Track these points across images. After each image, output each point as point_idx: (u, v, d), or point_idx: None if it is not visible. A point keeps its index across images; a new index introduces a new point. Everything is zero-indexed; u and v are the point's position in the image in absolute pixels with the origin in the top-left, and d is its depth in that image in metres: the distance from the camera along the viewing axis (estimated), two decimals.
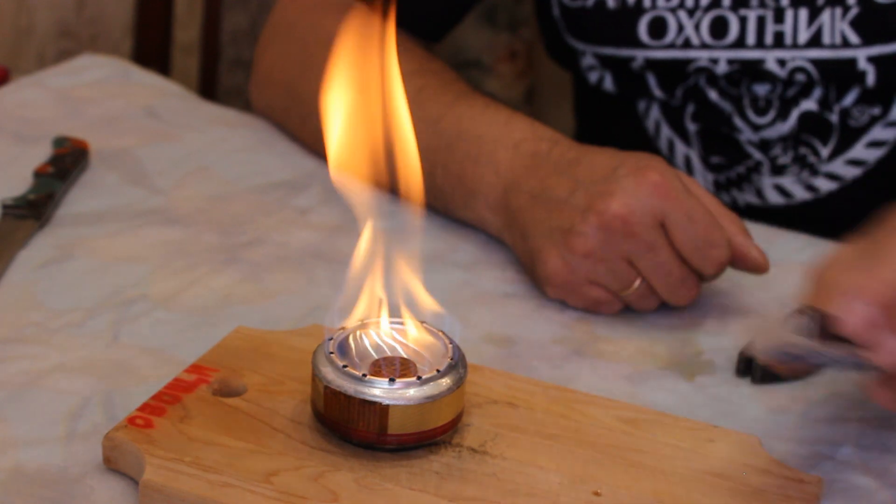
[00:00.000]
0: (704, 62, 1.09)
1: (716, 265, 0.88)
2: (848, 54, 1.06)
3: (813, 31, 1.06)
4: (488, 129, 0.95)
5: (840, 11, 1.05)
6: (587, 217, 0.87)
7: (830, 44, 1.06)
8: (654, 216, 0.86)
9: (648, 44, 1.10)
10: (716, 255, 0.87)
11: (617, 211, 0.86)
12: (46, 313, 0.85)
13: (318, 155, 1.09)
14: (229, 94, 1.67)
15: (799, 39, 1.07)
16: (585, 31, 1.13)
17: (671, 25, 1.09)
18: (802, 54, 1.07)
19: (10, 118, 1.11)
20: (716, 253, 0.87)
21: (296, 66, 1.10)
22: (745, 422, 0.80)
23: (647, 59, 1.11)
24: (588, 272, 0.88)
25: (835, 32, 1.05)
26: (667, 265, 0.87)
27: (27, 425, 0.74)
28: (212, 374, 0.75)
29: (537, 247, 0.90)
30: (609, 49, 1.12)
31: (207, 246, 0.95)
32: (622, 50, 1.11)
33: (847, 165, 1.11)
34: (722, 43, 1.08)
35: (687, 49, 1.09)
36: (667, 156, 1.17)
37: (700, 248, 0.87)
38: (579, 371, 0.84)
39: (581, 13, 1.12)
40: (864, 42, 1.05)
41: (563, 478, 0.70)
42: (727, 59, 1.09)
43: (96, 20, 1.77)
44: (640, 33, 1.10)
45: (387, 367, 0.71)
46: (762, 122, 1.11)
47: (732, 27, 1.08)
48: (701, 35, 1.08)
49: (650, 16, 1.09)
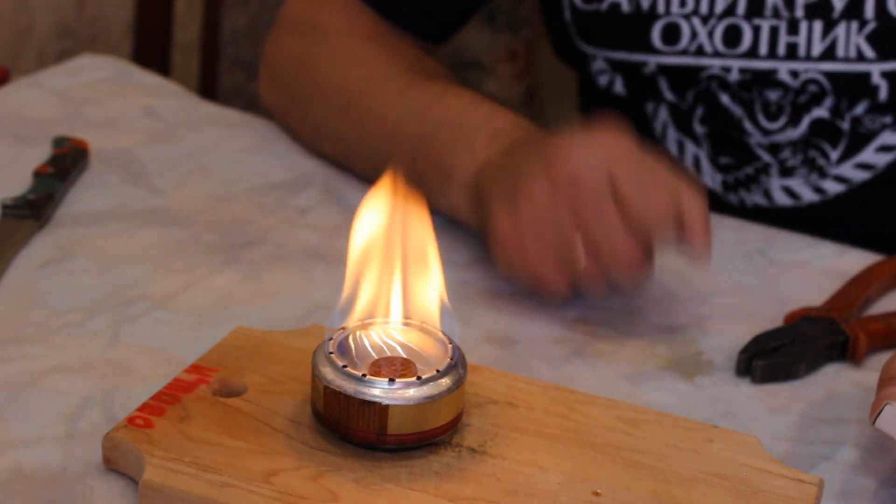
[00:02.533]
0: (716, 70, 1.09)
1: (661, 216, 0.83)
2: (862, 68, 1.05)
3: (827, 44, 1.05)
4: (471, 118, 0.95)
5: (857, 25, 1.05)
6: (537, 176, 0.85)
7: (844, 57, 1.05)
8: (603, 175, 0.84)
9: (661, 49, 1.10)
10: (661, 206, 0.83)
11: (566, 170, 0.84)
12: (46, 313, 0.85)
13: (318, 154, 1.09)
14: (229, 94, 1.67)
15: (813, 52, 1.06)
16: (597, 35, 1.13)
17: (685, 32, 1.09)
18: (816, 66, 1.06)
19: (10, 118, 1.11)
20: (662, 205, 0.84)
21: (296, 62, 1.10)
22: (745, 422, 0.80)
23: (658, 65, 1.10)
24: (534, 236, 0.85)
25: (849, 46, 1.05)
26: (614, 235, 0.84)
27: (27, 425, 0.74)
28: (212, 374, 0.75)
29: (490, 212, 0.88)
30: (621, 54, 1.12)
31: (207, 246, 0.95)
32: (634, 55, 1.11)
33: (856, 169, 1.11)
34: (735, 52, 1.08)
35: (700, 56, 1.09)
36: (675, 154, 1.17)
37: (646, 207, 0.83)
38: (579, 371, 0.84)
39: (594, 17, 1.12)
40: (879, 57, 1.05)
41: (562, 478, 0.70)
42: (739, 68, 1.08)
43: (96, 20, 1.77)
44: (653, 39, 1.09)
45: (386, 368, 0.71)
46: (773, 127, 1.11)
47: (745, 36, 1.07)
48: (714, 43, 1.08)
49: (664, 22, 1.09)
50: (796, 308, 0.91)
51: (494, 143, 0.93)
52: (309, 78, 1.08)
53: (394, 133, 0.99)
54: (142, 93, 1.19)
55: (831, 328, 0.87)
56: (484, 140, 0.93)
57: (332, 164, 1.07)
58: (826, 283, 0.96)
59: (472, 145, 0.93)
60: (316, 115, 1.08)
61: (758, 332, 0.87)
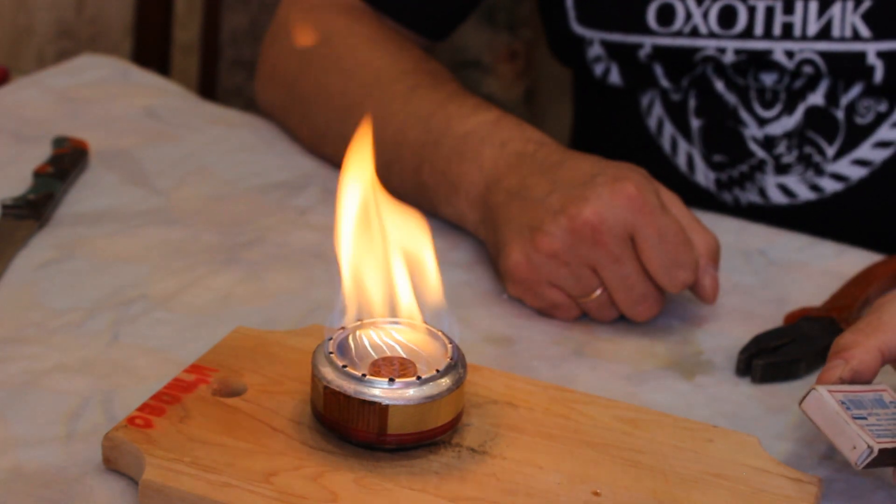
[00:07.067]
0: (712, 51, 1.09)
1: (680, 286, 0.87)
2: (858, 48, 1.05)
3: (822, 23, 1.05)
4: (476, 127, 0.95)
5: (852, 4, 1.05)
6: (557, 218, 0.86)
7: (840, 36, 1.05)
8: (624, 228, 0.86)
9: (656, 30, 1.10)
10: (681, 277, 0.87)
11: (587, 217, 0.85)
12: (46, 313, 0.85)
13: (317, 155, 1.09)
14: (229, 94, 1.67)
15: (808, 31, 1.06)
16: (595, 16, 1.13)
17: (679, 12, 1.09)
18: (811, 46, 1.06)
19: (9, 118, 1.11)
20: (682, 274, 0.87)
21: (297, 64, 1.10)
22: (745, 422, 0.80)
23: (654, 47, 1.10)
24: (549, 273, 0.87)
25: (845, 25, 1.05)
26: (630, 279, 0.86)
27: (27, 425, 0.74)
28: (211, 374, 0.75)
29: (504, 241, 0.89)
30: (617, 35, 1.12)
31: (207, 246, 0.95)
32: (630, 36, 1.11)
33: (853, 166, 1.11)
34: (730, 32, 1.08)
35: (694, 37, 1.09)
36: (669, 153, 1.17)
37: (666, 267, 0.86)
38: (579, 371, 0.84)
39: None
40: (874, 36, 1.05)
41: (562, 478, 0.70)
42: (734, 49, 1.08)
43: (96, 20, 1.77)
44: (648, 19, 1.10)
45: (386, 367, 0.71)
46: (768, 115, 1.11)
47: (741, 17, 1.07)
48: (709, 23, 1.08)
49: (659, 2, 1.09)
50: (796, 308, 0.91)
51: (501, 154, 0.93)
52: (310, 79, 1.08)
53: (397, 139, 0.99)
54: (142, 93, 1.19)
55: (831, 328, 0.87)
56: (490, 152, 0.93)
57: (332, 164, 1.07)
58: (826, 282, 0.96)
59: (478, 157, 0.94)
60: (317, 117, 1.07)
61: (758, 332, 0.87)
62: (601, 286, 0.87)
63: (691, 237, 0.88)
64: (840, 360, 0.73)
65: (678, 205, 0.89)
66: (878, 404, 0.72)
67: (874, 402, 0.72)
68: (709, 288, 0.89)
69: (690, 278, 0.87)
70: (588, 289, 0.87)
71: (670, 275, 0.86)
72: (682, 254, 0.86)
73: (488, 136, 0.94)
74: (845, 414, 0.70)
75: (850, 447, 0.69)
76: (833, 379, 0.73)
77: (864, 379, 0.73)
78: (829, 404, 0.70)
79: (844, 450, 0.70)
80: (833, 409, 0.70)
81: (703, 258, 0.88)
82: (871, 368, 0.73)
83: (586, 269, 0.87)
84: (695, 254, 0.87)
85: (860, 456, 0.69)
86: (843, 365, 0.73)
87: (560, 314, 0.89)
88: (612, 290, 0.87)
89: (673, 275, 0.86)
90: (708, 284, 0.89)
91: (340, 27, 1.09)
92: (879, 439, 0.69)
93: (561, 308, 0.89)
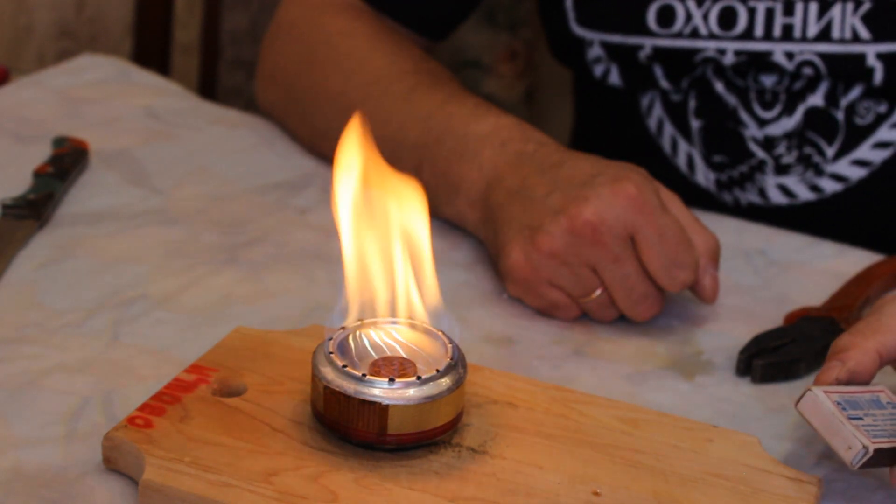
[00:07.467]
0: (712, 53, 1.09)
1: (680, 286, 0.87)
2: (857, 49, 1.05)
3: (822, 25, 1.05)
4: (476, 127, 0.95)
5: (852, 6, 1.05)
6: (558, 218, 0.86)
7: (840, 38, 1.05)
8: (624, 228, 0.86)
9: (656, 32, 1.10)
10: (682, 277, 0.87)
11: (588, 218, 0.86)
12: (46, 313, 0.85)
13: (317, 155, 1.09)
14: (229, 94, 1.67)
15: (808, 33, 1.06)
16: (595, 17, 1.13)
17: (679, 14, 1.09)
18: (811, 48, 1.06)
19: (9, 118, 1.11)
20: (682, 274, 0.87)
21: (297, 64, 1.10)
22: (745, 422, 0.80)
23: (654, 49, 1.10)
24: (549, 273, 0.88)
25: (845, 27, 1.05)
26: (630, 279, 0.87)
27: (27, 425, 0.74)
28: (211, 374, 0.75)
29: (505, 240, 0.89)
30: (617, 37, 1.12)
31: (207, 246, 0.95)
32: (630, 38, 1.11)
33: (852, 166, 1.11)
34: (730, 34, 1.08)
35: (694, 39, 1.09)
36: (669, 154, 1.17)
37: (667, 267, 0.86)
38: (579, 371, 0.84)
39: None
40: (874, 38, 1.05)
41: (562, 478, 0.70)
42: (734, 51, 1.08)
43: (96, 20, 1.77)
44: (648, 20, 1.10)
45: (386, 367, 0.71)
46: (768, 116, 1.11)
47: (741, 18, 1.07)
48: (709, 25, 1.08)
49: (659, 3, 1.09)
50: (796, 308, 0.91)
51: (502, 154, 0.93)
52: (311, 80, 1.08)
53: (397, 139, 0.99)
54: (142, 93, 1.19)
55: (831, 328, 0.87)
56: (490, 152, 0.93)
57: (332, 164, 1.07)
58: (826, 282, 0.96)
59: (478, 157, 0.94)
60: (317, 117, 1.07)
61: (758, 332, 0.87)
62: (601, 286, 0.87)
63: (691, 237, 0.88)
64: (837, 361, 0.74)
65: (678, 205, 0.89)
66: (874, 405, 0.72)
67: (871, 402, 0.72)
68: (709, 288, 0.89)
69: (690, 278, 0.87)
70: (588, 289, 0.87)
71: (670, 275, 0.86)
72: (683, 254, 0.86)
73: (488, 136, 0.94)
74: (841, 414, 0.70)
75: (845, 447, 0.69)
76: (830, 380, 0.73)
77: (862, 380, 0.73)
78: (824, 405, 0.70)
79: (840, 450, 0.70)
80: (829, 410, 0.70)
81: (703, 258, 0.88)
82: (868, 370, 0.74)
83: (586, 269, 0.87)
84: (695, 254, 0.87)
85: (855, 456, 0.69)
86: (840, 366, 0.73)
87: (560, 314, 0.89)
88: (613, 290, 0.87)
89: (673, 275, 0.86)
90: (708, 284, 0.89)
91: (340, 27, 1.09)
92: (875, 439, 0.69)
93: (561, 308, 0.89)
